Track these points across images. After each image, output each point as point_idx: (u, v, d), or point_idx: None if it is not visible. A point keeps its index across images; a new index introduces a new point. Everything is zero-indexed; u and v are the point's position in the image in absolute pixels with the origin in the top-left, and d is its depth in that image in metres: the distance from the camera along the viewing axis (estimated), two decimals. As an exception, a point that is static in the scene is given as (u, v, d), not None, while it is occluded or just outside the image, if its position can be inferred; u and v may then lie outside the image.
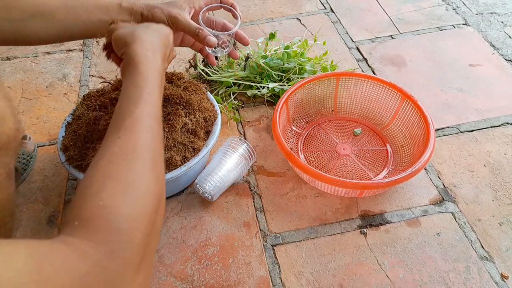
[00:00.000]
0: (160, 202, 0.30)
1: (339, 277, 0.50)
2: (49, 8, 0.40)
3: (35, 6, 0.39)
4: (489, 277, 0.49)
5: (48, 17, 0.40)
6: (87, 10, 0.42)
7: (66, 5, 0.41)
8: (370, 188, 0.52)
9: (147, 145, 0.31)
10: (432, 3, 0.95)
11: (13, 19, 0.38)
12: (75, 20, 0.42)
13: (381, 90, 0.65)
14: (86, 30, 0.43)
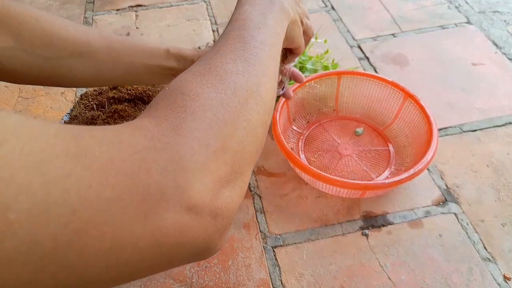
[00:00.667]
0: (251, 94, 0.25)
1: (340, 279, 0.49)
2: (90, 48, 0.37)
3: (75, 44, 0.36)
4: (491, 279, 0.49)
5: (88, 58, 0.37)
6: (131, 54, 0.39)
7: (108, 47, 0.38)
8: (372, 189, 0.52)
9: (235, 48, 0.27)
10: (434, 2, 0.94)
11: (49, 57, 0.35)
12: (116, 63, 0.39)
13: (383, 89, 0.64)
14: (127, 74, 0.40)
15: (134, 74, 0.40)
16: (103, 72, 0.39)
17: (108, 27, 0.92)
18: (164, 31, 0.90)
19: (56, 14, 0.96)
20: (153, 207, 0.18)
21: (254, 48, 0.28)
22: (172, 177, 0.19)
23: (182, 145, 0.20)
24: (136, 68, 0.40)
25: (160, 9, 0.97)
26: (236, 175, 0.22)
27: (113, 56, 0.38)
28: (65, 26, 0.36)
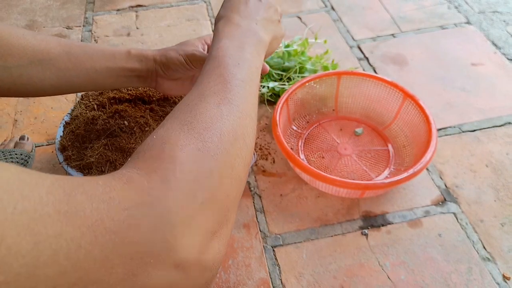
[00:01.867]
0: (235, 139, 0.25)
1: (340, 278, 0.49)
2: (48, 55, 0.36)
3: (34, 52, 0.35)
4: (491, 278, 0.49)
5: (47, 65, 0.36)
6: (92, 58, 0.38)
7: (68, 53, 0.37)
8: (372, 189, 0.52)
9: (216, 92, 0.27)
10: (434, 2, 0.95)
11: (8, 66, 0.34)
12: (77, 68, 0.38)
13: (383, 89, 0.64)
14: (89, 79, 0.39)
15: (97, 79, 0.40)
16: (64, 79, 0.38)
17: (108, 27, 0.92)
18: (164, 31, 0.90)
19: (56, 14, 0.96)
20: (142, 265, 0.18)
21: (236, 87, 0.28)
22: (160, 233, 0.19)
23: (171, 199, 0.20)
24: (98, 72, 0.39)
25: (160, 9, 0.97)
26: (222, 224, 0.23)
27: (74, 62, 0.37)
28: (22, 35, 0.35)
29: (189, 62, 0.42)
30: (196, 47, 0.43)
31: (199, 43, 0.44)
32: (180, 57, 0.42)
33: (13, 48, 0.35)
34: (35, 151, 0.66)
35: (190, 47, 0.43)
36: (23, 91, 0.37)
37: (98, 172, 0.50)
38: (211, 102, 0.26)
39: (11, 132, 0.70)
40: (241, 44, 0.32)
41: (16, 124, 0.71)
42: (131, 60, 0.41)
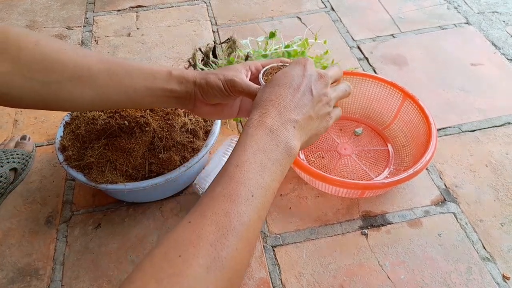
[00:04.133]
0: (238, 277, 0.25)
1: (339, 278, 0.49)
2: (89, 72, 0.36)
3: (74, 68, 0.35)
4: (490, 278, 0.49)
5: (87, 82, 0.36)
6: (131, 76, 0.38)
7: (108, 70, 0.37)
8: (371, 189, 0.52)
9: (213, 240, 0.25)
10: (433, 2, 0.95)
11: (48, 81, 0.34)
12: (117, 86, 0.37)
13: (382, 89, 0.64)
14: (128, 98, 0.39)
15: (136, 97, 0.39)
16: (103, 96, 0.38)
17: (108, 27, 0.92)
18: (164, 32, 0.90)
19: (56, 14, 0.97)
20: None
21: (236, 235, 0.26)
22: None
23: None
24: (137, 91, 0.38)
25: (160, 9, 0.97)
26: None
27: (113, 79, 0.37)
28: (64, 50, 0.35)
29: (228, 88, 0.40)
30: (238, 73, 0.41)
31: (242, 68, 0.42)
32: (219, 82, 0.40)
33: (54, 63, 0.35)
34: (36, 151, 0.66)
35: (231, 72, 0.41)
36: (61, 105, 0.37)
37: (98, 172, 0.50)
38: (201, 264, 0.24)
39: (11, 132, 0.70)
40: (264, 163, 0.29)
41: (17, 124, 0.71)
42: (171, 81, 0.39)
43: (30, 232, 0.56)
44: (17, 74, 0.33)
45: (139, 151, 0.50)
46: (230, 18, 0.93)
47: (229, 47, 0.78)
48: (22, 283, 0.50)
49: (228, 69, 0.41)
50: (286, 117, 0.32)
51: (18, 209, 0.58)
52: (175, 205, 0.58)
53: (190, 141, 0.54)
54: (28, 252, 0.53)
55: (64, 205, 0.59)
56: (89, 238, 0.54)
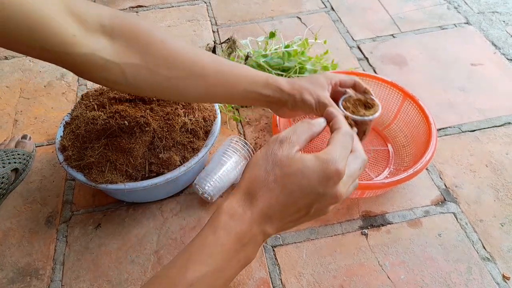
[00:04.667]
0: None
1: (339, 278, 0.49)
2: (203, 71, 0.41)
3: (192, 66, 0.40)
4: (490, 278, 0.49)
5: (200, 80, 0.41)
6: (237, 79, 0.43)
7: (219, 71, 0.42)
8: (371, 189, 0.52)
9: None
10: (433, 2, 0.95)
11: (169, 76, 0.39)
12: (223, 86, 0.42)
13: (383, 89, 0.64)
14: (229, 96, 0.44)
15: (236, 96, 0.44)
16: (210, 93, 0.42)
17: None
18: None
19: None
20: None
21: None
22: None
23: None
24: (238, 92, 0.43)
25: (160, 9, 0.97)
26: None
27: (221, 80, 0.42)
28: (185, 50, 0.40)
29: (318, 108, 0.44)
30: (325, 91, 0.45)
31: (327, 85, 0.46)
32: (312, 102, 0.44)
33: (176, 61, 0.39)
34: (36, 151, 0.66)
35: (322, 93, 0.45)
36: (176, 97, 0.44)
37: (98, 172, 0.50)
38: None
39: (11, 132, 0.70)
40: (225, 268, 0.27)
41: (17, 124, 0.72)
42: (267, 88, 0.44)
43: (30, 232, 0.56)
44: (144, 67, 0.37)
45: (139, 151, 0.50)
46: (230, 18, 0.93)
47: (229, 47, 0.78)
48: (22, 283, 0.50)
49: (317, 85, 0.45)
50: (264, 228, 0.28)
51: (18, 209, 0.58)
52: (175, 205, 0.58)
53: (190, 141, 0.54)
54: (28, 252, 0.53)
55: (64, 205, 0.59)
56: (89, 238, 0.54)
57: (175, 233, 0.54)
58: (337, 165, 0.28)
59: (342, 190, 0.29)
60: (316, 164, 0.28)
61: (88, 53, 0.34)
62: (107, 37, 0.36)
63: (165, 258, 0.52)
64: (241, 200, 0.28)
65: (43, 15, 0.31)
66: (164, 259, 0.52)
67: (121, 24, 0.36)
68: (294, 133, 0.31)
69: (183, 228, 0.55)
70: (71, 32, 0.33)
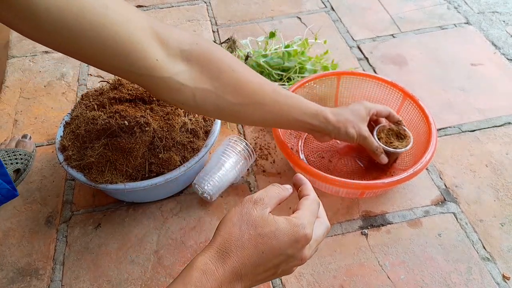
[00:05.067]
0: None
1: (339, 278, 0.49)
2: (263, 100, 0.44)
3: (254, 95, 0.43)
4: (490, 278, 0.49)
5: (259, 107, 0.44)
6: (290, 109, 0.46)
7: (276, 101, 0.45)
8: (372, 189, 0.52)
9: None
10: (433, 2, 0.95)
11: (235, 103, 0.42)
12: (277, 114, 0.46)
13: (383, 89, 0.64)
14: (279, 122, 0.48)
15: (284, 123, 0.48)
16: (264, 119, 0.46)
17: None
18: (164, 32, 0.90)
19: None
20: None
21: None
22: None
23: None
24: (288, 120, 0.47)
25: (160, 9, 0.97)
26: None
27: (277, 109, 0.45)
28: (251, 79, 0.43)
29: (358, 140, 0.52)
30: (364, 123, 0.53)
31: (366, 116, 0.53)
32: (355, 135, 0.51)
33: (243, 89, 0.42)
34: (36, 151, 0.66)
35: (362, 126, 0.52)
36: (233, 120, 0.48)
37: (98, 172, 0.50)
38: None
39: (11, 132, 0.70)
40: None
41: (17, 124, 0.72)
42: (316, 119, 0.49)
43: (30, 232, 0.56)
44: (213, 92, 0.40)
45: (139, 151, 0.50)
46: (230, 18, 0.93)
47: (229, 47, 0.78)
48: (22, 283, 0.50)
49: (358, 117, 0.52)
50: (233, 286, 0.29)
51: (18, 209, 0.59)
52: (175, 205, 0.58)
53: (190, 141, 0.54)
54: (28, 252, 0.53)
55: (64, 205, 0.59)
56: (89, 238, 0.55)
57: (175, 233, 0.54)
58: (306, 230, 0.30)
59: (307, 253, 0.32)
60: (288, 227, 0.30)
61: (166, 77, 0.37)
62: (184, 62, 0.38)
63: (165, 258, 0.52)
64: (214, 256, 0.29)
65: (135, 40, 0.34)
66: (164, 259, 0.52)
67: (198, 50, 0.39)
68: (266, 195, 0.32)
69: (183, 228, 0.55)
70: (154, 56, 0.35)
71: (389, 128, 0.57)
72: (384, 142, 0.56)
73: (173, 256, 0.52)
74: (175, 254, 0.52)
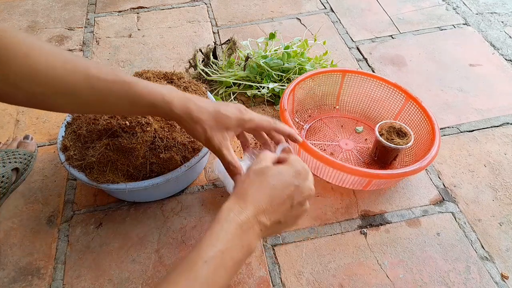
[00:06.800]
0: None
1: (339, 277, 0.50)
2: (74, 89, 0.38)
3: (60, 84, 0.37)
4: (489, 277, 0.49)
5: (70, 97, 0.38)
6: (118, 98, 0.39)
7: (93, 88, 0.38)
8: (379, 178, 0.51)
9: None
10: (432, 3, 0.95)
11: (34, 92, 0.36)
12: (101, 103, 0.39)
13: (385, 90, 0.64)
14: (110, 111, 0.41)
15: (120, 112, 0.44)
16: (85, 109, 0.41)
17: (110, 28, 0.93)
18: (165, 33, 0.91)
19: (58, 15, 0.97)
20: None
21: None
22: None
23: None
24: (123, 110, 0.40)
25: (161, 11, 0.98)
26: None
27: (97, 96, 0.38)
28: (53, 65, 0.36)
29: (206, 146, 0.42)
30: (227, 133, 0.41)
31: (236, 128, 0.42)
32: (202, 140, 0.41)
33: (41, 77, 0.36)
34: (37, 151, 0.67)
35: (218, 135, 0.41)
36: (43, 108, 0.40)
37: (99, 171, 0.50)
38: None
39: (13, 132, 0.70)
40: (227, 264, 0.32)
41: (18, 124, 0.72)
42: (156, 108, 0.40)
43: (31, 231, 0.56)
44: (4, 80, 0.35)
45: (140, 151, 0.51)
46: (230, 19, 0.93)
47: (229, 48, 0.78)
48: (24, 282, 0.50)
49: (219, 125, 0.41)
50: (259, 219, 0.34)
51: (19, 208, 0.59)
52: (176, 204, 0.58)
53: (191, 141, 0.54)
54: (30, 251, 0.54)
55: (66, 205, 0.59)
56: (90, 237, 0.55)
57: (176, 232, 0.55)
58: (302, 164, 0.38)
59: (311, 185, 0.38)
60: (287, 166, 0.37)
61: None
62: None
63: (166, 257, 0.52)
64: (236, 200, 0.35)
65: None
66: (165, 258, 0.52)
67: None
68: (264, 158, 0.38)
69: (184, 228, 0.55)
70: None
71: (390, 125, 0.58)
72: (386, 138, 0.56)
73: (174, 255, 0.52)
74: (176, 253, 0.52)
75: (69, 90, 0.37)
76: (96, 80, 0.38)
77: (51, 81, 0.37)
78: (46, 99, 0.37)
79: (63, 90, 0.37)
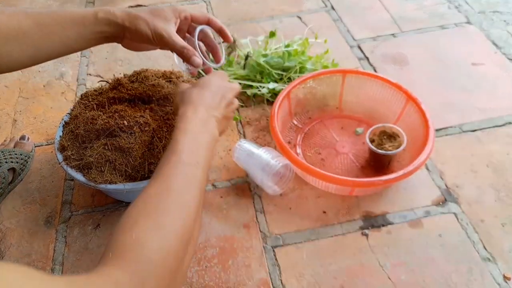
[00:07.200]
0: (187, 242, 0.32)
1: (340, 279, 0.49)
2: (21, 30, 0.38)
3: (7, 30, 0.37)
4: (491, 279, 0.49)
5: (22, 39, 0.38)
6: (63, 26, 0.40)
7: (39, 24, 0.39)
8: (361, 186, 0.52)
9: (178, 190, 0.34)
10: (434, 2, 0.94)
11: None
12: (51, 38, 0.40)
13: (387, 90, 0.64)
14: (63, 45, 0.42)
15: (70, 44, 0.42)
16: (40, 49, 0.40)
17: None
18: (164, 31, 0.90)
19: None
20: None
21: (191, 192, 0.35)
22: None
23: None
24: (70, 38, 0.41)
25: (160, 9, 0.97)
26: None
27: (46, 32, 0.39)
28: None
29: (155, 40, 0.44)
30: (168, 24, 0.44)
31: (172, 16, 0.45)
32: (148, 32, 0.43)
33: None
34: (35, 151, 0.66)
35: (161, 24, 0.44)
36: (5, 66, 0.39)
37: (97, 172, 0.50)
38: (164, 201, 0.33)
39: (11, 132, 0.70)
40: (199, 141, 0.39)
41: (16, 124, 0.71)
42: (99, 24, 0.42)
43: (29, 232, 0.55)
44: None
45: (139, 151, 0.50)
46: (230, 17, 0.93)
47: (229, 46, 0.77)
48: (21, 284, 0.50)
49: (159, 16, 0.44)
50: (210, 113, 0.42)
51: (17, 209, 0.58)
52: (174, 205, 0.58)
53: (190, 141, 0.53)
54: (27, 252, 0.53)
55: (63, 205, 0.59)
56: (88, 238, 0.54)
57: (174, 233, 0.54)
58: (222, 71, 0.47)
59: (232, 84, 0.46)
60: (212, 74, 0.47)
61: None
62: None
63: (165, 258, 0.52)
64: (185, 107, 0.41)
65: None
66: (163, 260, 0.51)
67: None
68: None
69: (183, 229, 0.55)
70: None
71: (383, 130, 0.57)
72: (377, 144, 0.56)
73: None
74: (175, 255, 0.52)
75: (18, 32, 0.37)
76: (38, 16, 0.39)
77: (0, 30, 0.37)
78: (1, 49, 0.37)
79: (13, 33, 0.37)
